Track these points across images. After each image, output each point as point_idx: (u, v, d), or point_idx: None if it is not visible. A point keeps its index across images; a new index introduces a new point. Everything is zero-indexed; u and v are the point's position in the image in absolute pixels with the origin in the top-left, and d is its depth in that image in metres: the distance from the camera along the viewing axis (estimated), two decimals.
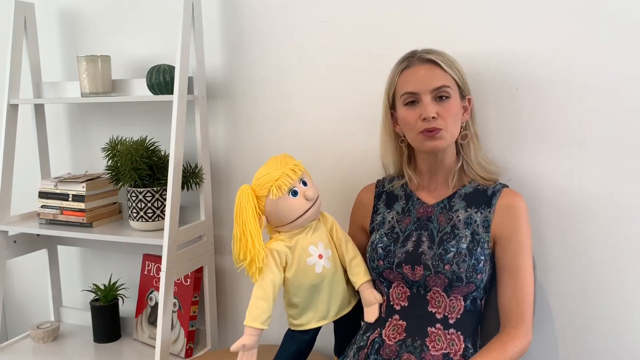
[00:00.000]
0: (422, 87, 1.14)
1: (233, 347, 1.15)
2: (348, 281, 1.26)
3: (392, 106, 1.23)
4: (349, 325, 1.29)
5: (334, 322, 1.27)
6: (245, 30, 1.58)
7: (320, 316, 1.22)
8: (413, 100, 1.15)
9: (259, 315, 1.15)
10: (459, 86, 1.17)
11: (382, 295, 1.22)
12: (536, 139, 1.32)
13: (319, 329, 1.24)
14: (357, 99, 1.48)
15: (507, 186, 1.22)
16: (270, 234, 1.25)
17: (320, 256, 1.20)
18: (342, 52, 1.48)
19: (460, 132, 1.19)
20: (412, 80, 1.15)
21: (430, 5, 1.37)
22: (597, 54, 1.24)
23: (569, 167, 1.30)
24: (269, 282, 1.16)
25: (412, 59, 1.17)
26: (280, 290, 1.20)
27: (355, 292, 1.27)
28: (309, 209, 1.18)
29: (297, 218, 1.17)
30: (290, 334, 1.25)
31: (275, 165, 1.18)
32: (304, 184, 1.19)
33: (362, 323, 1.28)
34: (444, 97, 1.14)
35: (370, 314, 1.22)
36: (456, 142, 1.21)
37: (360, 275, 1.24)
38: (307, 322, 1.22)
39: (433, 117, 1.12)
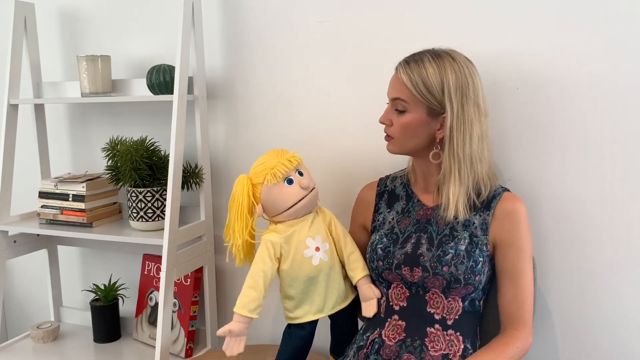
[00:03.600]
0: (388, 93, 1.19)
1: (219, 331, 1.16)
2: (346, 276, 1.27)
3: None
4: (346, 323, 1.29)
5: (331, 319, 1.27)
6: (245, 30, 1.58)
7: (316, 309, 1.22)
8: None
9: (247, 304, 1.16)
10: (427, 102, 1.12)
11: (382, 296, 1.22)
12: (536, 139, 1.32)
13: (315, 324, 1.25)
14: (357, 98, 1.48)
15: (508, 189, 1.21)
16: (269, 224, 1.26)
17: (318, 249, 1.20)
18: (342, 52, 1.48)
19: (421, 148, 1.17)
20: (389, 83, 1.19)
21: (430, 6, 1.37)
22: (597, 54, 1.24)
23: (569, 167, 1.30)
24: (259, 271, 1.18)
25: (398, 63, 1.18)
26: (274, 282, 1.21)
27: (353, 288, 1.28)
28: (304, 197, 1.19)
29: (292, 206, 1.18)
30: (287, 332, 1.26)
31: (272, 155, 1.22)
32: (300, 174, 1.21)
33: (361, 322, 1.28)
34: (399, 110, 1.15)
35: (368, 309, 1.22)
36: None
37: (358, 271, 1.25)
38: (303, 314, 1.23)
39: (384, 124, 1.19)
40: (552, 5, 1.26)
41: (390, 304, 1.20)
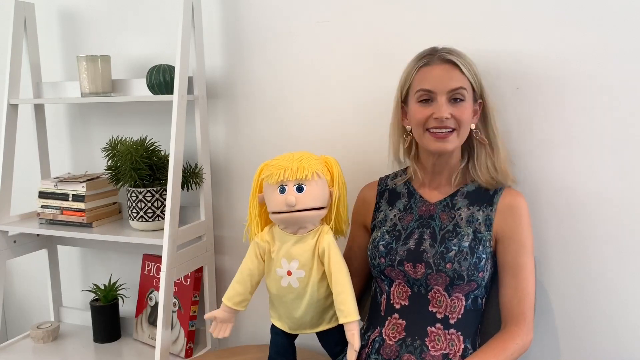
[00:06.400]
0: (439, 87, 1.13)
1: (206, 315, 1.25)
2: (324, 307, 1.20)
3: (404, 100, 1.22)
4: (333, 337, 1.24)
5: (317, 335, 1.25)
6: (245, 30, 1.58)
7: (281, 323, 1.24)
8: (427, 99, 1.15)
9: (233, 296, 1.22)
10: (473, 90, 1.17)
11: (383, 294, 1.22)
12: (536, 139, 1.32)
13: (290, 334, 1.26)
14: (357, 98, 1.48)
15: (509, 185, 1.22)
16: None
17: (290, 273, 1.17)
18: (342, 52, 1.48)
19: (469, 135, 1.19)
20: (430, 78, 1.15)
21: (431, 5, 1.37)
22: (597, 53, 1.24)
23: (569, 166, 1.30)
24: (246, 268, 1.22)
25: (432, 57, 1.16)
26: (262, 279, 1.24)
27: (330, 318, 1.22)
28: (282, 212, 1.14)
29: (272, 213, 1.17)
30: (272, 327, 1.27)
31: (290, 158, 1.17)
32: (300, 189, 1.14)
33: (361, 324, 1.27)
34: (458, 100, 1.14)
35: (349, 353, 1.13)
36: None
37: (342, 315, 1.14)
38: (276, 319, 1.25)
39: (447, 118, 1.13)
40: (551, 5, 1.26)
41: (391, 302, 1.20)
